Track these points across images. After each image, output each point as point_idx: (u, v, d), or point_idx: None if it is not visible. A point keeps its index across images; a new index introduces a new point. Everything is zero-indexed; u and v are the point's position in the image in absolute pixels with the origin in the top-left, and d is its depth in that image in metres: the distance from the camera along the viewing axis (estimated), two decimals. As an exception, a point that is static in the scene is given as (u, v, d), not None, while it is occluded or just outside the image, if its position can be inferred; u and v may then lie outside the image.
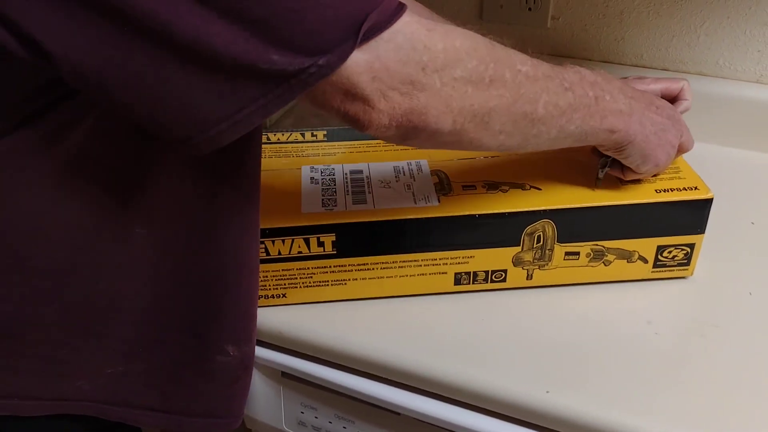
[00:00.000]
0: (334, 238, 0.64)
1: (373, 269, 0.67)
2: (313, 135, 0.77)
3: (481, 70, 0.47)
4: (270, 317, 0.68)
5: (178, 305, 0.59)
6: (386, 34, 0.43)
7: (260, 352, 0.70)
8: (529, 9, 1.00)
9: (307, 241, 0.64)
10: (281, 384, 0.73)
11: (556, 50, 1.02)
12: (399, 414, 0.67)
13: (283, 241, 0.64)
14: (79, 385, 0.60)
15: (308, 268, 0.66)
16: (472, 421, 0.63)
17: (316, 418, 0.73)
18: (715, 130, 0.95)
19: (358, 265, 0.66)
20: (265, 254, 0.64)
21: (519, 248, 0.67)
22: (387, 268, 0.67)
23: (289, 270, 0.66)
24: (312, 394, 0.71)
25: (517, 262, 0.68)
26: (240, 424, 0.68)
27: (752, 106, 0.92)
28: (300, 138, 0.77)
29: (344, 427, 0.72)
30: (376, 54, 0.44)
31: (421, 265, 0.67)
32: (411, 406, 0.65)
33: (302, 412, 0.73)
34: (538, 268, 0.69)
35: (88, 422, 0.64)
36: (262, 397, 0.74)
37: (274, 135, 0.77)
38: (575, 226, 0.66)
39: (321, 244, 0.64)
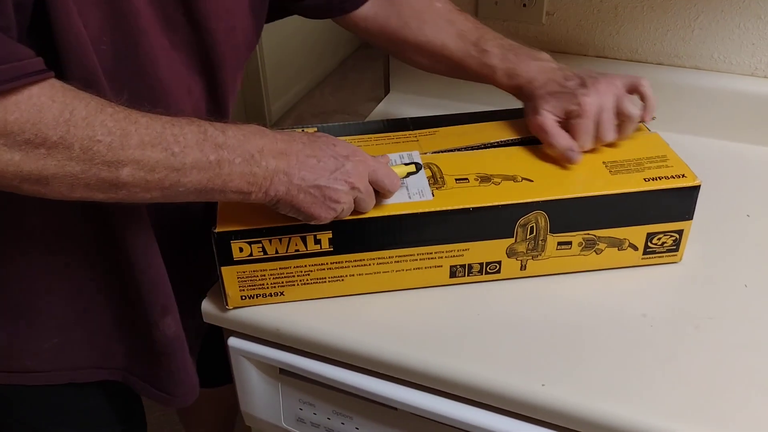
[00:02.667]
0: (330, 236, 0.65)
1: (369, 265, 0.67)
2: (303, 131, 0.77)
3: (37, 142, 0.49)
4: (267, 314, 0.68)
5: (101, 281, 0.67)
6: None
7: (258, 348, 0.70)
8: (524, 5, 1.00)
9: (303, 239, 0.64)
10: (279, 381, 0.73)
11: (552, 46, 1.02)
12: (396, 409, 0.67)
13: (280, 239, 0.64)
14: (23, 362, 0.69)
15: (305, 266, 0.66)
16: (468, 416, 0.63)
17: (314, 414, 0.73)
18: (710, 124, 0.95)
19: (355, 261, 0.67)
20: (262, 253, 0.64)
21: (513, 240, 0.67)
22: (383, 263, 0.67)
23: (287, 268, 0.66)
24: (310, 390, 0.72)
25: (510, 253, 0.68)
26: (181, 407, 0.76)
27: (747, 99, 0.93)
28: None
29: (342, 423, 0.72)
30: None
31: (417, 260, 0.67)
32: (408, 401, 0.65)
33: (301, 409, 0.74)
34: (532, 259, 0.69)
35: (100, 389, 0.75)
36: (261, 393, 0.74)
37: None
38: (567, 216, 0.67)
39: (318, 241, 0.65)
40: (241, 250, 0.64)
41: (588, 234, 0.68)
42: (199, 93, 0.68)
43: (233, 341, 0.72)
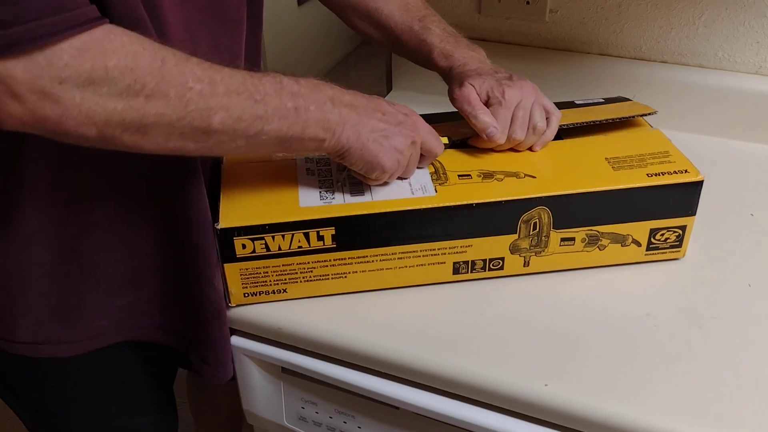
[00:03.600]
0: (333, 232, 0.64)
1: (372, 261, 0.67)
2: None
3: (137, 88, 0.50)
4: (269, 313, 0.68)
5: (151, 239, 0.65)
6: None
7: (260, 347, 0.70)
8: (528, 2, 1.00)
9: (306, 236, 0.64)
10: (281, 379, 0.73)
11: (555, 44, 1.02)
12: (398, 408, 0.67)
13: (283, 236, 0.64)
14: (97, 324, 0.67)
15: (308, 263, 0.66)
16: (471, 415, 0.63)
17: (316, 413, 0.73)
18: (714, 122, 0.95)
19: (358, 257, 0.66)
20: (265, 250, 0.64)
21: (516, 236, 0.67)
22: (386, 260, 0.67)
23: (290, 265, 0.66)
24: (312, 389, 0.71)
25: (514, 249, 0.68)
26: (227, 380, 0.72)
27: (751, 97, 0.92)
28: None
29: (344, 422, 0.72)
30: (7, 60, 0.46)
31: (420, 256, 0.67)
32: (410, 400, 0.65)
33: (303, 408, 0.73)
34: (535, 255, 0.69)
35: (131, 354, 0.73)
36: (263, 392, 0.74)
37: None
38: (570, 212, 0.67)
39: (321, 238, 0.64)
40: (243, 246, 0.63)
41: (591, 230, 0.68)
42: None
43: (235, 340, 0.71)
